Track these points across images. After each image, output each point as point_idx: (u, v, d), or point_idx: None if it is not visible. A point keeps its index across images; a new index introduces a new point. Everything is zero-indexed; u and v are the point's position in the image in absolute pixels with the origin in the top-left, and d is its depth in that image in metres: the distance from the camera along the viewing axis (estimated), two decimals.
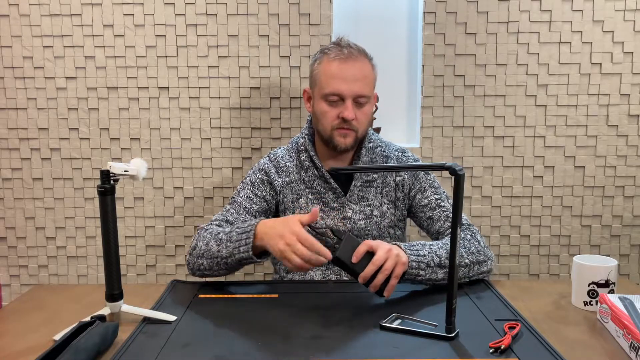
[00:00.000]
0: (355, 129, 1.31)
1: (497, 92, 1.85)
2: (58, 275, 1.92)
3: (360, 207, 1.36)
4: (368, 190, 1.37)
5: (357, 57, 1.29)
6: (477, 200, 1.90)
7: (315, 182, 1.36)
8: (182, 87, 1.84)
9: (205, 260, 1.19)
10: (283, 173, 1.38)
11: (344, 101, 1.28)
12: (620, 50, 1.82)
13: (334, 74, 1.28)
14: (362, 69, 1.29)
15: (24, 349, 0.96)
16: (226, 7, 1.80)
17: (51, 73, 1.83)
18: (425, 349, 0.92)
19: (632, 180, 1.89)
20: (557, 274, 1.93)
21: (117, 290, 1.07)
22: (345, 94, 1.27)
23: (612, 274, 1.10)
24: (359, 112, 1.30)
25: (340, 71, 1.27)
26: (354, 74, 1.27)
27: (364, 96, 1.29)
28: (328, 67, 1.29)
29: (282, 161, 1.39)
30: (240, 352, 0.91)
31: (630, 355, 0.90)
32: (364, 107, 1.30)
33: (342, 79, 1.27)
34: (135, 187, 1.88)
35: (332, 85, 1.27)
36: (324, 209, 1.36)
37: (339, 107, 1.29)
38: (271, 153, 1.44)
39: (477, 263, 1.21)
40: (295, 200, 1.37)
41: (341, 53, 1.28)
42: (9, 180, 1.88)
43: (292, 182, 1.37)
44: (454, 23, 1.82)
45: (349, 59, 1.28)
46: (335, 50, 1.29)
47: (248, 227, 1.14)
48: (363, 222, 1.35)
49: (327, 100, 1.29)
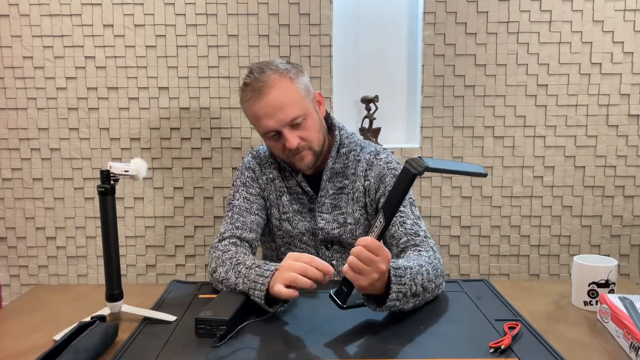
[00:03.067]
0: (308, 147, 1.28)
1: (497, 92, 1.85)
2: (58, 275, 1.92)
3: (334, 216, 1.34)
4: (340, 197, 1.34)
5: (270, 86, 1.22)
6: (477, 200, 1.90)
7: (292, 181, 1.36)
8: (182, 87, 1.84)
9: (225, 288, 1.15)
10: (267, 170, 1.37)
11: (281, 133, 1.25)
12: (620, 50, 1.82)
13: (257, 115, 1.24)
14: (279, 96, 1.22)
15: (24, 349, 0.96)
16: (226, 7, 1.80)
17: (51, 73, 1.83)
18: (424, 349, 0.92)
19: (632, 180, 1.89)
20: (557, 274, 1.93)
21: (117, 290, 1.07)
22: (277, 127, 1.23)
23: (612, 274, 1.10)
24: (301, 132, 1.25)
25: (260, 109, 1.23)
26: (273, 106, 1.22)
27: (295, 117, 1.23)
28: (249, 110, 1.26)
29: (264, 157, 1.39)
30: (240, 353, 0.91)
31: (630, 355, 0.90)
32: (303, 124, 1.25)
33: (266, 115, 1.23)
34: (135, 187, 1.88)
35: (262, 125, 1.25)
36: (301, 210, 1.35)
37: (281, 140, 1.26)
38: (254, 150, 1.43)
39: (437, 287, 1.13)
40: (279, 197, 1.36)
41: (254, 90, 1.23)
42: (9, 180, 1.88)
43: (275, 178, 1.36)
44: (454, 23, 1.82)
45: (262, 94, 1.22)
46: (248, 89, 1.24)
47: (266, 272, 1.07)
48: (336, 230, 1.34)
49: (268, 138, 1.28)
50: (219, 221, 1.89)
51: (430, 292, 1.10)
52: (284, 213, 1.36)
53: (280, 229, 1.37)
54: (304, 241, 1.36)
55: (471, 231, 1.91)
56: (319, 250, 1.35)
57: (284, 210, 1.35)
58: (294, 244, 1.37)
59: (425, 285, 1.06)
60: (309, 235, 1.35)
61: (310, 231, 1.35)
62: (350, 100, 1.91)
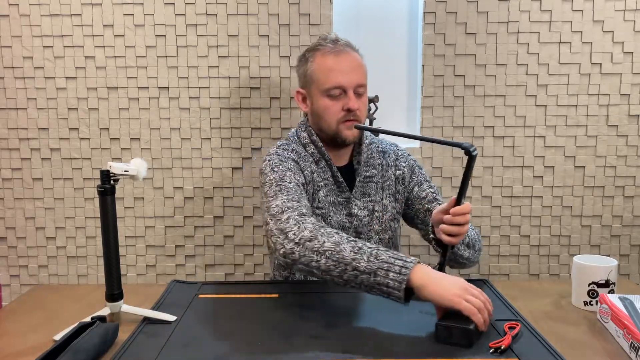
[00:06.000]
0: (359, 119, 1.31)
1: (497, 92, 1.85)
2: (58, 275, 1.92)
3: (364, 203, 1.37)
4: (369, 185, 1.38)
5: (350, 49, 1.32)
6: (477, 200, 1.90)
7: (329, 173, 1.35)
8: (182, 87, 1.84)
9: (327, 260, 1.02)
10: (305, 163, 1.33)
11: (345, 93, 1.29)
12: (620, 50, 1.82)
13: (331, 68, 1.28)
14: (356, 59, 1.31)
15: (24, 349, 0.96)
16: (226, 7, 1.80)
17: (51, 73, 1.83)
18: (425, 349, 0.92)
19: (632, 180, 1.89)
20: (557, 274, 1.93)
21: (117, 290, 1.07)
22: (347, 85, 1.28)
23: (612, 274, 1.10)
24: (359, 102, 1.31)
25: (337, 64, 1.28)
26: (350, 65, 1.29)
27: (362, 85, 1.31)
28: (324, 62, 1.29)
29: (301, 151, 1.35)
30: (240, 352, 0.91)
31: (630, 355, 0.90)
32: (362, 96, 1.32)
33: (340, 71, 1.28)
34: (135, 187, 1.88)
35: (332, 79, 1.28)
36: (335, 202, 1.34)
37: (342, 100, 1.29)
38: (282, 144, 1.36)
39: (480, 249, 1.38)
40: (316, 192, 1.33)
41: (333, 47, 1.30)
42: (9, 180, 1.88)
43: (313, 172, 1.33)
44: (454, 23, 1.82)
45: (342, 51, 1.30)
46: (328, 45, 1.31)
47: (408, 259, 1.00)
48: (367, 218, 1.37)
49: (328, 95, 1.29)
50: (219, 221, 1.89)
51: (478, 251, 1.35)
52: (318, 208, 1.33)
53: None
54: None
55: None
56: None
57: (319, 205, 1.33)
58: None
59: (475, 242, 1.33)
60: (338, 228, 1.35)
61: (340, 224, 1.35)
62: None
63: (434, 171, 1.88)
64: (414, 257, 1.03)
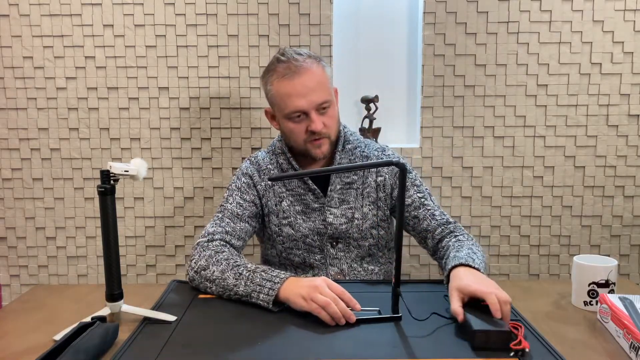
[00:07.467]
0: (327, 136, 1.30)
1: (497, 92, 1.85)
2: (58, 275, 1.92)
3: (342, 211, 1.35)
4: (349, 192, 1.36)
5: (304, 67, 1.25)
6: (477, 200, 1.90)
7: (295, 183, 1.36)
8: (182, 87, 1.84)
9: (216, 287, 1.15)
10: (265, 176, 1.37)
11: (307, 115, 1.27)
12: (620, 50, 1.82)
13: (288, 93, 1.25)
14: (313, 77, 1.25)
15: (24, 349, 0.96)
16: (226, 7, 1.80)
17: (51, 73, 1.83)
18: (425, 349, 0.92)
19: (632, 180, 1.89)
20: (557, 274, 1.93)
21: (117, 290, 1.07)
22: (307, 108, 1.25)
23: (612, 274, 1.10)
24: (325, 119, 1.28)
25: (293, 88, 1.24)
26: (307, 86, 1.24)
27: (324, 102, 1.26)
28: (280, 88, 1.27)
29: (263, 164, 1.39)
30: (240, 352, 0.91)
31: (630, 355, 0.90)
32: (327, 111, 1.28)
33: (298, 95, 1.24)
34: (135, 187, 1.88)
35: (291, 104, 1.25)
36: (305, 211, 1.35)
37: (305, 122, 1.28)
38: (252, 156, 1.43)
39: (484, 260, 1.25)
40: (278, 203, 1.36)
41: (288, 69, 1.25)
42: (9, 180, 1.88)
43: (273, 184, 1.36)
44: (454, 23, 1.82)
45: (296, 72, 1.24)
46: (282, 67, 1.26)
47: (276, 279, 1.09)
48: (344, 226, 1.35)
49: (291, 118, 1.28)
50: None
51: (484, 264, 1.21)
52: (284, 218, 1.36)
53: (280, 235, 1.37)
54: (307, 242, 1.36)
55: (471, 231, 1.91)
56: (325, 249, 1.36)
57: (284, 216, 1.36)
58: (297, 247, 1.37)
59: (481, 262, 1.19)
60: (313, 235, 1.35)
61: (315, 231, 1.35)
62: (350, 100, 1.91)
63: (434, 171, 1.88)
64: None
